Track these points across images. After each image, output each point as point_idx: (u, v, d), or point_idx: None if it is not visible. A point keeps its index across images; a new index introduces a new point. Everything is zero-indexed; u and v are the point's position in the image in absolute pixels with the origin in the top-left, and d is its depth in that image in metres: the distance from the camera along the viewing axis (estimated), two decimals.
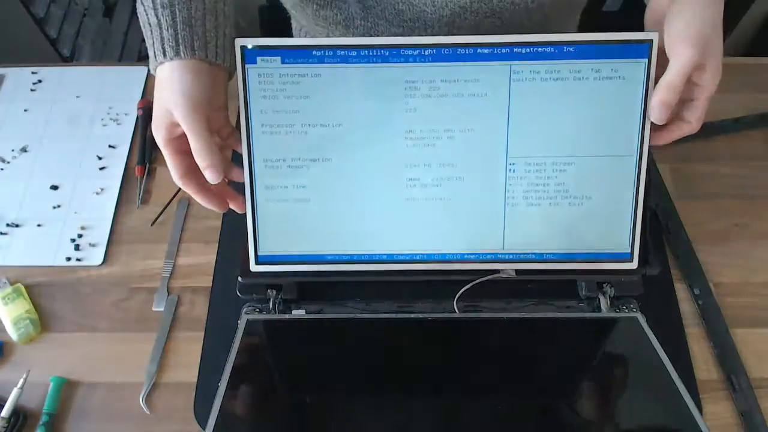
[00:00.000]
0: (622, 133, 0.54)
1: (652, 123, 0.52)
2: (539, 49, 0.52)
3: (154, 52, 0.48)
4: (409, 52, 0.52)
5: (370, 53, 0.52)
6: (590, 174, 0.55)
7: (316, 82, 0.52)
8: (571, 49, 0.52)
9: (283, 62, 0.52)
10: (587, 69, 0.52)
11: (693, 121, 0.50)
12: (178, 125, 0.48)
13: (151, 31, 0.48)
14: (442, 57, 0.52)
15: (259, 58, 0.52)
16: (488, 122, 0.54)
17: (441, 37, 0.52)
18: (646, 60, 0.52)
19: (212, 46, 0.49)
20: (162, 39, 0.47)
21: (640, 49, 0.52)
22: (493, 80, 0.52)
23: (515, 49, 0.52)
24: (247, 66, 0.52)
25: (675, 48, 0.48)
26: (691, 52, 0.47)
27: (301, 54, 0.52)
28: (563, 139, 0.54)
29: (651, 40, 0.51)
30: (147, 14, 0.49)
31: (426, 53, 0.52)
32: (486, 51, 0.52)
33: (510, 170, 0.55)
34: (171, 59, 0.47)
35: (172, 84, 0.47)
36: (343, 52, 0.52)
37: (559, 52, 0.52)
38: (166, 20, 0.48)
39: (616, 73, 0.52)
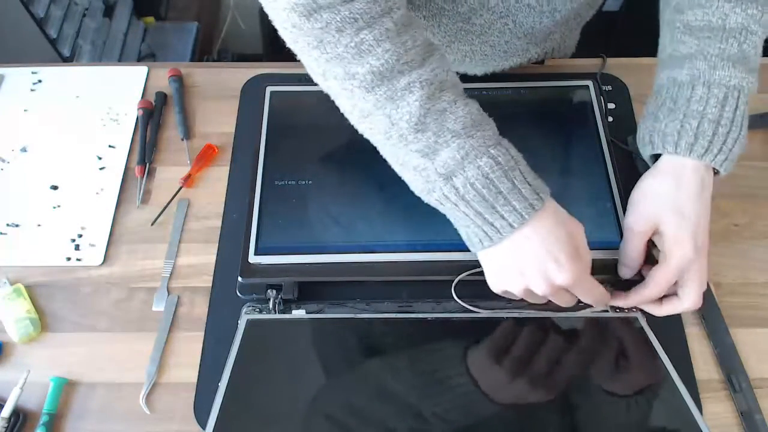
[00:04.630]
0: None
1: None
2: None
3: (528, 204, 0.48)
4: None
5: None
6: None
7: None
8: None
9: None
10: None
11: (685, 299, 0.53)
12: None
13: (520, 192, 0.48)
14: None
15: None
16: None
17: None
18: None
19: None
20: (534, 189, 0.49)
21: None
22: None
23: None
24: None
25: (672, 246, 0.53)
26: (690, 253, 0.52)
27: None
28: None
29: None
30: (497, 182, 0.48)
31: None
32: None
33: None
34: (544, 204, 0.49)
35: (564, 217, 0.51)
36: None
37: None
38: (521, 178, 0.49)
39: None
